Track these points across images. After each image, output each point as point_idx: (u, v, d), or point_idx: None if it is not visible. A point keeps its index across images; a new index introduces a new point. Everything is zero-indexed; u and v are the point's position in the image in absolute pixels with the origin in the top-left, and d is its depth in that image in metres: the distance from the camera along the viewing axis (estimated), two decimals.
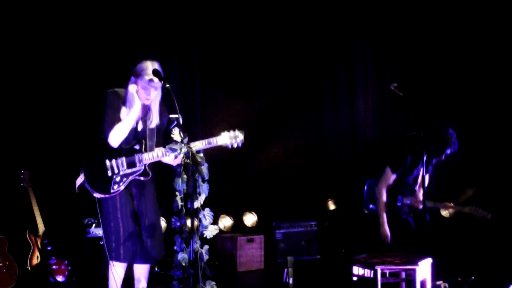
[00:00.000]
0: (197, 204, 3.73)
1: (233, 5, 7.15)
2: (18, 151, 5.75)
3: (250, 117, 7.22)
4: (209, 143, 3.98)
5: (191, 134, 3.81)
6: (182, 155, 3.68)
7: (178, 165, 3.76)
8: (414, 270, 4.23)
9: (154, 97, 4.04)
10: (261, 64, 7.34)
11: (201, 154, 3.77)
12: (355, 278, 4.40)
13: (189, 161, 3.68)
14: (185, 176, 3.71)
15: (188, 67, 6.94)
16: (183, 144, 3.69)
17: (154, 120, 4.10)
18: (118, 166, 3.99)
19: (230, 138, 4.03)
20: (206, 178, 3.77)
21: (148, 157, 4.02)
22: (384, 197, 5.20)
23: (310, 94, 7.64)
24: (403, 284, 4.46)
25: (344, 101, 7.77)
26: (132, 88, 4.01)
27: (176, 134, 3.76)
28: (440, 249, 5.54)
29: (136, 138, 4.07)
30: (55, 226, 5.46)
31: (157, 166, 4.17)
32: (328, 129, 7.70)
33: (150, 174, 4.06)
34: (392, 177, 5.17)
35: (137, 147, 4.05)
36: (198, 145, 3.91)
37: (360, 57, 7.77)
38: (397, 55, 7.58)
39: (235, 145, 4.04)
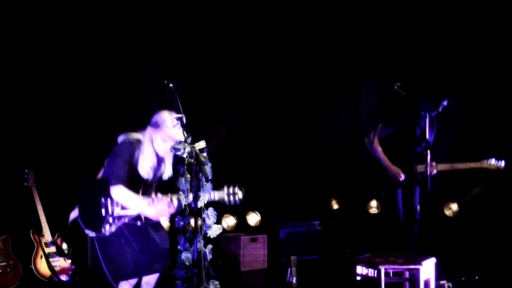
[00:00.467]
0: (200, 203, 3.72)
1: (236, 8, 7.16)
2: (22, 151, 5.76)
3: (253, 117, 7.24)
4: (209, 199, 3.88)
5: (194, 136, 3.80)
6: (185, 154, 3.68)
7: (182, 165, 3.75)
8: (417, 270, 4.22)
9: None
10: (263, 64, 7.34)
11: (205, 154, 3.76)
12: (358, 278, 4.40)
13: (192, 160, 3.67)
14: (188, 176, 3.70)
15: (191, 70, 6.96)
16: (186, 144, 3.69)
17: (167, 172, 4.07)
18: (112, 206, 3.93)
19: (228, 195, 3.97)
20: (210, 177, 3.76)
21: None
22: (377, 144, 5.25)
23: (313, 94, 7.64)
24: (407, 284, 4.46)
25: (347, 100, 7.77)
26: (148, 140, 3.97)
27: (179, 133, 3.75)
28: (444, 249, 5.55)
29: (136, 182, 3.99)
30: (58, 225, 5.47)
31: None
32: (331, 128, 7.70)
33: (143, 220, 3.99)
34: (383, 131, 5.28)
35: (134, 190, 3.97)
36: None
37: (363, 56, 7.78)
38: (399, 54, 7.57)
39: (232, 203, 3.97)
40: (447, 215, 7.35)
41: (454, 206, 7.36)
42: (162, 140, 3.97)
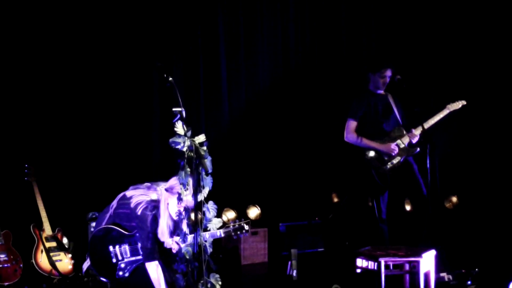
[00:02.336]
0: (200, 197, 3.73)
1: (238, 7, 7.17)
2: (23, 146, 5.76)
3: (252, 111, 7.23)
4: (213, 235, 3.95)
5: (194, 131, 3.81)
6: (185, 148, 3.68)
7: (182, 158, 3.76)
8: (418, 262, 4.23)
9: None
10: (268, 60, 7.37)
11: (205, 148, 3.76)
12: (359, 270, 4.40)
13: (192, 154, 3.68)
14: (188, 169, 3.71)
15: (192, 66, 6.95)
16: (186, 138, 3.69)
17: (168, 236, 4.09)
18: (122, 253, 4.05)
19: (235, 231, 4.04)
20: (210, 171, 3.77)
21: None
22: (358, 136, 5.43)
23: (311, 88, 7.63)
24: (407, 276, 4.46)
25: (346, 92, 7.75)
26: (164, 204, 4.02)
27: (179, 127, 3.75)
28: (444, 241, 5.55)
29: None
30: (59, 220, 5.48)
31: None
32: (331, 121, 7.68)
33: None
34: (354, 123, 5.47)
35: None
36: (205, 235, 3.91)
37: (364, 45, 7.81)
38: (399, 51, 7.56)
39: (240, 236, 4.07)
40: (447, 207, 7.35)
41: (454, 199, 7.36)
42: (176, 205, 3.97)
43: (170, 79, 3.88)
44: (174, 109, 3.93)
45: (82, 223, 5.60)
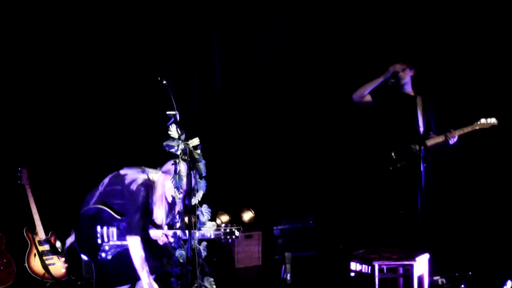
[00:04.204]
0: (194, 200, 3.72)
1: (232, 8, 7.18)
2: (16, 149, 5.74)
3: (247, 114, 7.22)
4: (203, 235, 3.93)
5: (189, 133, 3.80)
6: (179, 151, 3.68)
7: (175, 162, 3.75)
8: (411, 266, 4.24)
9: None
10: (261, 63, 7.37)
11: (199, 151, 3.76)
12: (353, 274, 4.41)
13: (186, 157, 3.68)
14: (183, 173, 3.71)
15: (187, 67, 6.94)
16: (180, 141, 3.69)
17: (165, 220, 4.11)
18: (108, 235, 4.02)
19: (225, 234, 4.02)
20: (204, 174, 3.76)
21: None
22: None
23: (306, 90, 7.62)
24: (401, 280, 4.47)
25: (342, 95, 7.74)
26: (160, 186, 4.04)
27: (173, 131, 3.75)
28: (438, 244, 5.56)
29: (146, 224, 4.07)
30: (52, 223, 5.46)
31: None
32: (325, 124, 7.68)
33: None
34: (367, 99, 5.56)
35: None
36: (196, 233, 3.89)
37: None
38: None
39: (230, 241, 4.05)
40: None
41: None
42: (172, 188, 3.95)
43: (164, 82, 3.88)
44: (168, 112, 3.93)
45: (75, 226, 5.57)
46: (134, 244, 3.94)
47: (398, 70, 5.49)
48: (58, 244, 5.41)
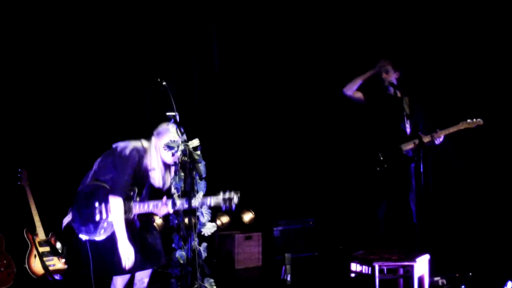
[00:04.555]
0: (194, 202, 3.72)
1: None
2: (16, 150, 5.74)
3: (247, 116, 7.23)
4: (203, 203, 3.87)
5: (188, 134, 3.80)
6: (179, 152, 3.68)
7: (176, 163, 3.75)
8: (412, 267, 4.24)
9: None
10: (259, 64, 7.37)
11: (199, 152, 3.76)
12: (353, 275, 4.41)
13: (186, 158, 3.67)
14: (182, 174, 3.70)
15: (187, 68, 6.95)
16: (180, 142, 3.69)
17: (167, 183, 4.06)
18: (107, 211, 3.93)
19: (224, 201, 3.97)
20: (204, 176, 3.76)
21: (138, 208, 3.95)
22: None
23: (305, 91, 7.63)
24: (401, 281, 4.47)
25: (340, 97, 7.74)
26: (153, 148, 4.00)
27: (173, 132, 3.75)
28: (438, 245, 5.56)
29: (133, 185, 4.00)
30: (52, 224, 5.46)
31: None
32: (325, 125, 7.69)
33: (137, 225, 4.03)
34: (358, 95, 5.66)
35: (130, 193, 3.97)
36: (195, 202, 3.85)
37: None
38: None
39: (228, 208, 3.99)
40: None
41: None
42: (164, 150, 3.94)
43: (164, 83, 3.88)
44: (168, 113, 3.93)
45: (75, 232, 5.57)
46: (116, 204, 3.84)
47: (386, 65, 5.54)
48: (58, 245, 5.41)
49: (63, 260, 5.32)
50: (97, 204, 3.93)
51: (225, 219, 6.91)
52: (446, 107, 6.35)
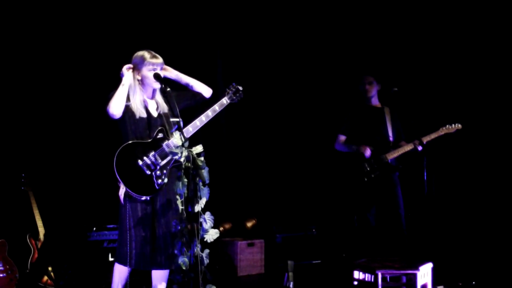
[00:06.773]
0: (197, 208, 3.72)
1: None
2: (18, 155, 5.75)
3: (251, 123, 7.24)
4: (216, 110, 4.30)
5: (192, 140, 3.81)
6: (183, 158, 3.68)
7: (179, 169, 3.76)
8: (415, 275, 4.23)
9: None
10: (261, 69, 7.37)
11: (202, 158, 3.77)
12: (355, 283, 4.40)
13: (189, 165, 3.68)
14: (185, 180, 3.71)
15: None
16: (184, 148, 3.69)
17: (162, 106, 4.17)
18: (152, 162, 3.98)
19: (234, 93, 4.43)
20: (207, 182, 3.76)
21: (175, 142, 3.96)
22: (342, 143, 5.78)
23: (308, 96, 7.64)
24: None
25: (343, 103, 7.75)
26: (128, 76, 4.13)
27: (177, 137, 3.76)
28: (441, 254, 5.55)
29: (156, 128, 4.07)
30: (55, 229, 5.46)
31: None
32: (328, 132, 7.68)
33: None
34: (342, 138, 5.78)
35: (160, 135, 4.05)
36: (209, 114, 4.26)
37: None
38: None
39: (237, 99, 4.45)
40: None
41: None
42: (150, 71, 4.08)
43: (168, 89, 3.90)
44: (171, 119, 3.94)
45: (78, 233, 5.59)
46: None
47: (369, 78, 5.73)
48: None
49: (65, 265, 5.32)
50: (140, 162, 3.97)
51: (228, 225, 6.91)
52: (425, 114, 6.48)
